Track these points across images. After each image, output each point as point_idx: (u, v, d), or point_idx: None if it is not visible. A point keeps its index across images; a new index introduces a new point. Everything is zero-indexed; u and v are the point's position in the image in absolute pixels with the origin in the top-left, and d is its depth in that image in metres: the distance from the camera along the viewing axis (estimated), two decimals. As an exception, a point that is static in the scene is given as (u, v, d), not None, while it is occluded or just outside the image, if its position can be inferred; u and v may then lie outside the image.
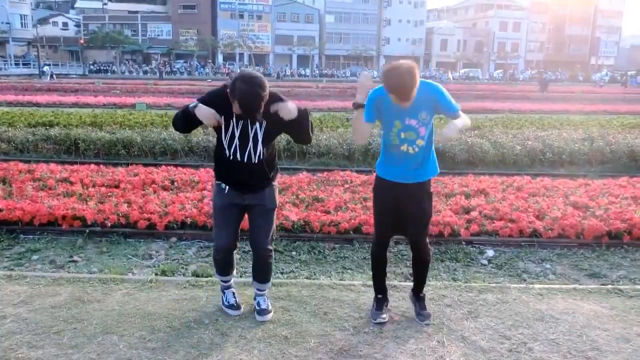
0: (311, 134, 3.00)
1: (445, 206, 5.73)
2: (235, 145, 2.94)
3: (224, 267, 3.26)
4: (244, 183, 3.02)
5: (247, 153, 2.94)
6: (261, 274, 3.24)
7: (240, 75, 2.73)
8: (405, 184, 3.05)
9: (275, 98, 2.87)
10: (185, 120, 2.95)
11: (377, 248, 3.28)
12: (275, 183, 3.16)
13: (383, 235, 3.23)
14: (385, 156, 3.14)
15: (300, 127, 2.93)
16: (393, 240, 4.51)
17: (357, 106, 2.93)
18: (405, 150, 2.99)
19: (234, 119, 2.91)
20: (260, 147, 2.95)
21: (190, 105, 2.89)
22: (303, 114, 2.89)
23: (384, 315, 3.22)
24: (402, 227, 3.17)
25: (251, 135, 2.93)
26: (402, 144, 2.98)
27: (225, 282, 3.33)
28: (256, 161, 2.96)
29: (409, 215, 3.10)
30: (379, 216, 3.23)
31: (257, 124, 2.91)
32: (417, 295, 3.34)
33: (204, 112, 2.84)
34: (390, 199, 3.11)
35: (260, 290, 3.30)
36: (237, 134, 2.93)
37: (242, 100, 2.69)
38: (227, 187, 3.05)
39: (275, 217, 3.20)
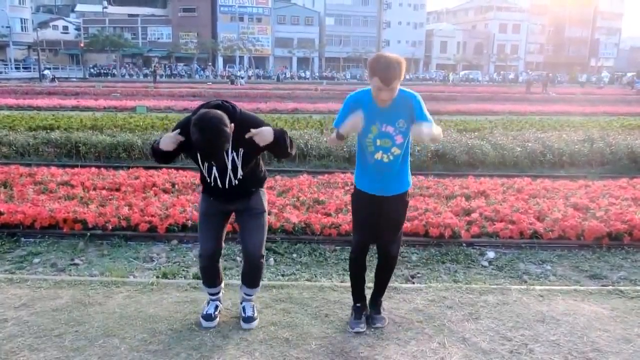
0: (291, 151, 2.92)
1: (445, 208, 5.74)
2: (214, 174, 2.89)
3: (210, 276, 3.15)
4: (230, 196, 2.97)
5: (227, 179, 2.89)
6: (251, 279, 3.15)
7: (196, 121, 2.55)
8: (381, 196, 3.01)
9: (249, 123, 2.79)
10: (158, 157, 2.88)
11: (356, 256, 3.19)
12: (263, 189, 3.12)
13: (362, 243, 3.17)
14: (360, 166, 3.08)
15: (278, 147, 2.84)
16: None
17: (339, 136, 2.90)
18: (380, 159, 2.92)
19: None
20: (239, 171, 2.89)
21: (155, 143, 2.85)
22: (280, 136, 2.81)
23: (363, 325, 3.15)
24: (377, 234, 3.14)
25: (229, 165, 2.86)
26: (376, 151, 2.92)
27: (212, 294, 3.21)
28: (236, 183, 2.91)
29: (383, 225, 3.07)
30: (357, 226, 3.18)
31: (234, 152, 2.83)
32: (376, 300, 3.30)
33: (164, 141, 2.76)
34: (368, 210, 3.07)
35: (248, 296, 3.21)
36: (214, 164, 2.86)
37: (199, 150, 2.67)
38: (212, 198, 3.02)
39: (266, 221, 3.12)
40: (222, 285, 3.26)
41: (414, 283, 4.12)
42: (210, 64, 59.89)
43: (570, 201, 6.12)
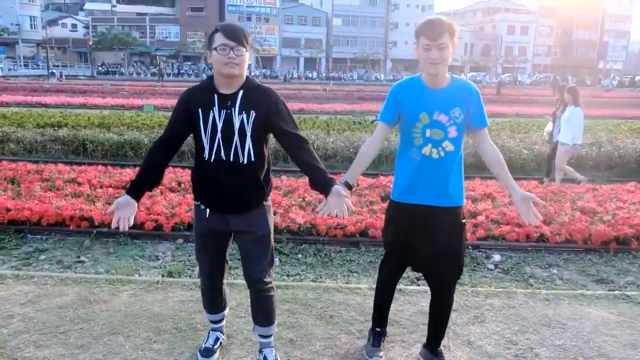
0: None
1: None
2: (218, 141, 2.37)
3: (210, 299, 2.76)
4: (228, 194, 2.43)
5: (232, 149, 2.38)
6: (262, 313, 2.63)
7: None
8: (429, 207, 2.48)
9: (265, 94, 2.44)
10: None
11: (387, 276, 2.79)
12: (268, 203, 2.58)
13: (396, 267, 2.75)
14: (401, 169, 2.56)
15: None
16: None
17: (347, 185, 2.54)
18: (428, 155, 2.44)
19: (216, 107, 2.37)
20: (249, 142, 2.38)
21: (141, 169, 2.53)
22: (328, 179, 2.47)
23: (381, 353, 2.80)
24: (425, 265, 2.59)
25: (237, 126, 2.36)
26: (425, 144, 2.44)
27: (214, 321, 2.85)
28: (245, 161, 2.40)
29: (435, 253, 2.50)
30: (392, 251, 2.70)
31: (244, 114, 2.36)
32: (434, 350, 2.75)
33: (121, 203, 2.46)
34: (408, 230, 2.54)
35: (266, 338, 2.69)
36: (219, 125, 2.36)
37: (218, 30, 2.32)
38: (208, 209, 2.49)
39: (271, 243, 2.57)
40: (226, 312, 2.93)
41: (419, 285, 4.10)
42: (217, 63, 59.98)
43: (577, 205, 6.09)
